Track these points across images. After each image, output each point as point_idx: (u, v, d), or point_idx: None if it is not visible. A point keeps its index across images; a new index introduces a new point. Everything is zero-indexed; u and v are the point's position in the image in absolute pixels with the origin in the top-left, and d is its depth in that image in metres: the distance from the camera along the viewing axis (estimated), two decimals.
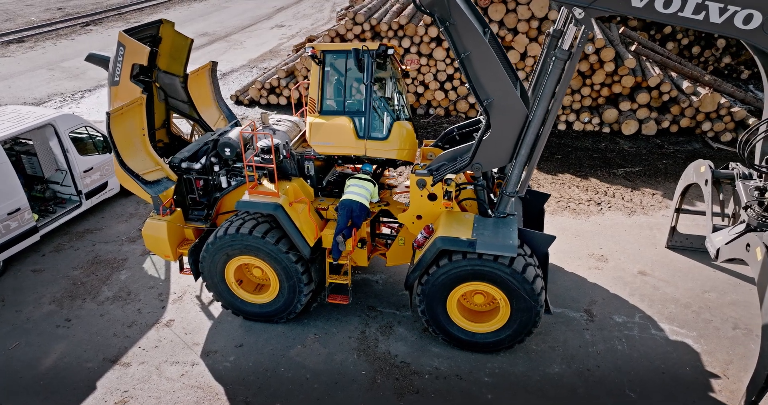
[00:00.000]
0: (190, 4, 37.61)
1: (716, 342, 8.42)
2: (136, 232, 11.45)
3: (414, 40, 15.89)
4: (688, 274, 9.93)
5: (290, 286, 8.27)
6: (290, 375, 7.92)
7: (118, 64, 8.02)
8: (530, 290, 7.39)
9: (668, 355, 8.19)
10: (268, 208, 7.82)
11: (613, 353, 8.24)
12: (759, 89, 19.21)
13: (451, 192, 7.66)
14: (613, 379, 7.79)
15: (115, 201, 12.59)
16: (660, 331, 8.64)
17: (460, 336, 8.06)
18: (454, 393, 7.59)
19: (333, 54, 8.09)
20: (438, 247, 7.39)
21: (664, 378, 7.80)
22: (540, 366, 8.02)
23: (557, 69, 6.68)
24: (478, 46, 6.79)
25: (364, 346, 8.42)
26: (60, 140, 10.81)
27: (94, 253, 10.80)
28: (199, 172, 8.75)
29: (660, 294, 9.46)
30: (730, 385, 7.68)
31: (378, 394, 7.61)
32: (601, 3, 6.09)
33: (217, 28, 29.82)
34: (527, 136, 7.14)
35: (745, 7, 5.81)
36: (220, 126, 10.12)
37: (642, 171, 13.77)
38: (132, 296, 9.57)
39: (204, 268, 8.48)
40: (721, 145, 14.94)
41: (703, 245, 10.36)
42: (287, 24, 30.66)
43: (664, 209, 12.07)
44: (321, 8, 34.66)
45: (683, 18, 5.99)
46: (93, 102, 19.44)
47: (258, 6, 36.33)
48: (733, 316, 8.94)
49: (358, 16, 16.06)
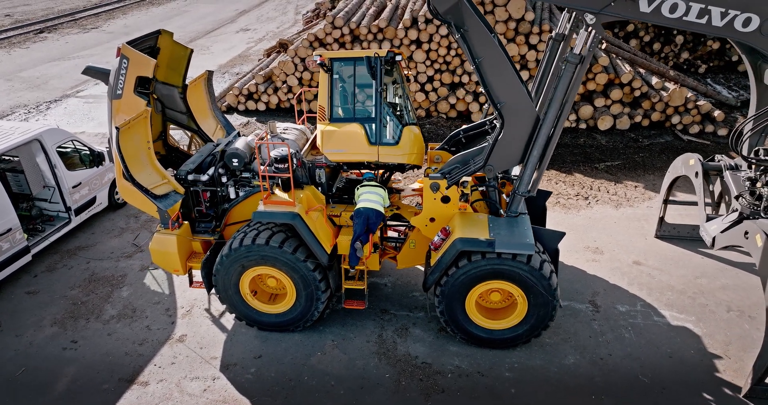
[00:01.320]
0: (147, 8, 36.62)
1: (714, 325, 8.92)
2: (130, 247, 11.17)
3: (394, 43, 16.04)
4: (679, 262, 10.45)
5: (307, 294, 8.28)
6: (315, 383, 7.94)
7: (121, 76, 7.83)
8: (547, 286, 7.66)
9: (672, 340, 8.62)
10: (286, 217, 7.81)
11: (622, 341, 8.62)
12: (716, 82, 20.27)
13: (467, 194, 7.83)
14: (626, 366, 8.15)
15: (104, 216, 12.22)
16: (662, 318, 9.09)
17: (479, 334, 8.26)
18: (479, 390, 7.78)
19: (341, 62, 8.14)
20: (458, 248, 7.56)
21: (672, 362, 8.22)
22: (556, 358, 8.31)
23: (569, 72, 6.95)
24: (490, 51, 6.99)
25: (384, 350, 8.51)
26: (47, 156, 10.43)
27: (90, 271, 10.47)
28: (206, 183, 8.64)
29: (656, 282, 9.93)
30: (733, 364, 8.16)
31: (405, 396, 7.72)
32: (612, 9, 6.39)
33: (180, 34, 29.14)
34: (539, 138, 7.40)
35: (744, 11, 6.22)
36: (218, 136, 9.99)
37: (622, 164, 14.35)
38: (138, 313, 9.35)
39: (218, 280, 8.38)
40: (690, 137, 15.72)
41: (690, 234, 10.99)
42: (252, 27, 30.29)
43: (648, 201, 12.64)
44: (284, 11, 34.39)
45: (688, 22, 6.36)
46: (60, 113, 18.74)
47: (219, 10, 35.72)
48: (726, 299, 9.48)
49: (337, 19, 16.08)
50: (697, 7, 6.24)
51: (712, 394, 7.68)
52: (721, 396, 7.63)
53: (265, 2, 37.49)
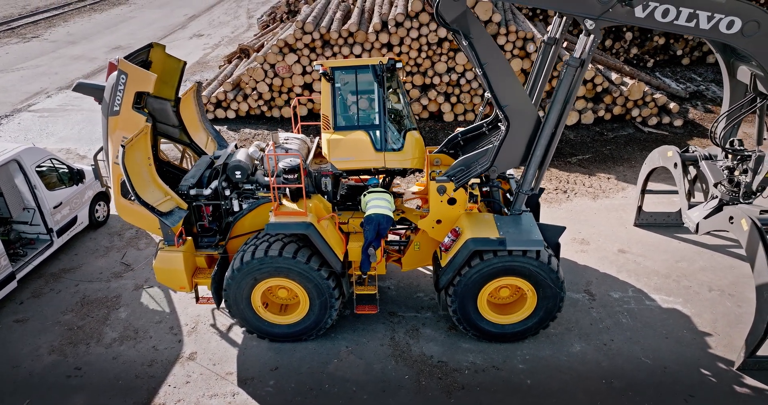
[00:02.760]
0: (90, 15, 35.08)
1: (700, 304, 9.57)
2: (119, 267, 10.81)
3: (365, 47, 16.16)
4: (659, 248, 11.12)
5: (321, 302, 8.32)
6: (336, 390, 8.00)
7: (119, 92, 7.61)
8: (555, 279, 8.03)
9: (666, 322, 9.20)
10: (300, 227, 7.82)
11: (621, 326, 9.12)
12: (665, 76, 21.48)
13: (477, 195, 8.09)
14: (628, 349, 8.64)
15: (85, 235, 11.76)
16: (653, 301, 9.66)
17: (491, 329, 8.54)
18: (497, 383, 8.06)
19: (342, 70, 8.22)
20: (471, 248, 7.80)
21: (669, 342, 8.77)
22: (563, 347, 8.70)
23: (570, 75, 7.32)
24: (495, 56, 7.27)
25: (399, 352, 8.66)
26: (26, 177, 9.96)
27: (80, 294, 10.07)
28: (209, 197, 8.52)
29: (642, 268, 10.53)
30: (722, 340, 8.79)
31: (427, 395, 7.90)
32: (610, 15, 6.78)
33: (130, 41, 28.15)
34: (542, 138, 7.74)
35: (728, 14, 6.75)
36: (209, 148, 9.84)
37: (592, 157, 15.05)
38: (141, 334, 9.10)
39: (229, 295, 8.29)
40: (650, 129, 16.64)
41: (665, 221, 11.69)
42: (206, 33, 29.61)
43: (622, 191, 13.34)
44: (236, 15, 33.78)
45: (678, 25, 6.83)
46: (15, 129, 17.77)
47: (166, 15, 34.67)
48: (706, 280, 10.17)
49: (307, 25, 16.03)
50: (687, 11, 6.72)
51: (708, 369, 8.26)
52: (717, 371, 8.21)
53: (213, 6, 36.68)
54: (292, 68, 16.60)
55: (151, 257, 10.98)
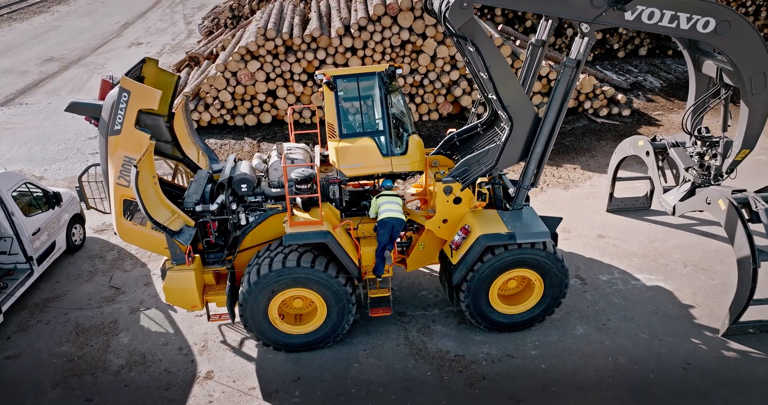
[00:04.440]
0: (10, 25, 32.76)
1: (678, 280, 10.41)
2: (108, 291, 10.37)
3: (329, 51, 16.20)
4: (633, 231, 11.96)
5: (339, 309, 8.40)
6: (363, 394, 8.12)
7: (120, 111, 7.35)
8: (561, 267, 8.52)
9: (652, 298, 9.95)
10: (319, 236, 7.87)
11: (614, 306, 9.78)
12: (605, 69, 22.85)
13: (486, 194, 8.43)
14: (625, 327, 9.29)
15: (63, 261, 11.16)
16: (638, 281, 10.41)
17: (502, 320, 8.93)
18: (515, 371, 8.46)
19: (344, 79, 8.33)
20: (484, 244, 8.14)
21: (659, 317, 9.51)
22: (567, 330, 9.24)
23: (567, 75, 7.80)
24: (498, 60, 7.64)
25: (416, 350, 8.88)
26: (2, 204, 9.36)
27: (72, 323, 9.59)
28: (215, 213, 8.38)
29: (621, 251, 11.30)
30: (704, 310, 9.63)
31: (452, 389, 8.18)
32: (603, 19, 7.30)
33: (62, 52, 26.61)
34: (542, 135, 8.19)
35: (704, 15, 7.44)
36: (201, 163, 9.64)
37: (555, 149, 15.82)
38: (149, 358, 8.81)
39: (246, 309, 8.20)
40: (602, 120, 17.72)
41: (634, 205, 12.56)
42: (144, 41, 28.47)
43: (589, 180, 14.18)
44: (172, 21, 32.64)
45: (662, 27, 7.47)
46: None
47: (96, 23, 32.96)
48: (679, 257, 11.06)
49: (269, 31, 15.87)
50: (669, 14, 7.36)
51: (697, 338, 9.04)
52: (705, 339, 9.01)
53: (146, 12, 35.23)
54: (255, 75, 16.38)
55: (142, 278, 10.62)
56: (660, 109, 18.56)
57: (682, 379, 8.27)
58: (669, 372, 8.41)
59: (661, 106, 18.80)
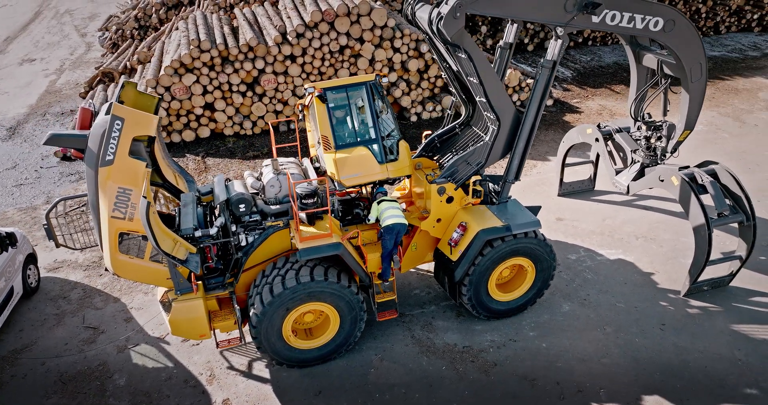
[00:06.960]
0: None
1: (634, 251, 11.57)
2: (85, 332, 9.61)
3: (267, 60, 15.93)
4: (586, 211, 13.06)
5: (352, 318, 8.49)
6: (388, 397, 8.29)
7: (113, 140, 6.90)
8: (549, 252, 9.21)
9: (619, 271, 11.00)
10: (332, 249, 7.90)
11: (588, 282, 10.69)
12: (518, 62, 24.41)
13: (480, 191, 8.86)
14: (603, 300, 10.22)
15: (21, 306, 10.16)
16: (602, 256, 11.44)
17: (499, 308, 9.47)
18: (520, 353, 9.04)
19: (333, 90, 8.39)
20: (483, 238, 8.60)
21: (629, 286, 10.55)
22: (555, 309, 9.99)
23: (545, 75, 8.43)
24: (485, 64, 8.10)
25: (425, 347, 9.18)
26: None
27: (54, 372, 8.81)
28: (215, 236, 8.11)
29: (580, 230, 12.32)
30: (663, 276, 10.81)
31: (469, 379, 8.59)
32: (574, 22, 8.00)
33: None
34: (523, 131, 8.78)
35: (654, 16, 8.39)
36: (180, 186, 9.23)
37: None
38: (155, 396, 8.35)
39: (260, 331, 8.04)
40: None
41: (580, 188, 13.68)
42: (37, 56, 26.01)
43: (534, 168, 15.19)
44: (64, 34, 30.03)
45: (622, 27, 8.32)
46: None
47: None
48: (630, 231, 12.27)
49: (203, 43, 15.28)
50: (627, 15, 8.23)
51: (663, 300, 10.16)
52: (670, 300, 10.15)
53: (29, 25, 32.07)
54: (191, 89, 15.72)
55: (119, 314, 9.96)
56: (577, 98, 20.21)
57: (662, 338, 9.28)
58: (650, 334, 9.40)
59: (577, 95, 20.46)
